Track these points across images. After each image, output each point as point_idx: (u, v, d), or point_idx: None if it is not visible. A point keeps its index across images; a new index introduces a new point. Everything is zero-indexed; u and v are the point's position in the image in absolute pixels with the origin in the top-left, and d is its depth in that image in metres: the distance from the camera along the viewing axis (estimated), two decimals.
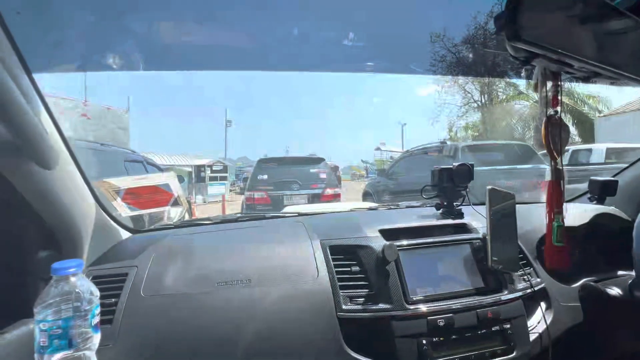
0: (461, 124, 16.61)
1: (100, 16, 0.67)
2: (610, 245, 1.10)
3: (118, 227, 1.02)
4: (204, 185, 13.22)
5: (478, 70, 6.41)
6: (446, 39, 8.21)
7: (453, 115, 16.64)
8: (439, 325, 0.79)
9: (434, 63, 6.76)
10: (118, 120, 6.69)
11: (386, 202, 3.11)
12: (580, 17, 0.49)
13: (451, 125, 16.76)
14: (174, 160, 13.83)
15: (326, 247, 0.92)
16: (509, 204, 0.92)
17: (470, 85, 15.78)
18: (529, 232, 1.05)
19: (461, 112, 16.36)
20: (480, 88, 15.50)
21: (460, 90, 16.07)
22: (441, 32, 3.05)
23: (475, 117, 16.22)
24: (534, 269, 0.97)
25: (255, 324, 0.77)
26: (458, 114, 16.41)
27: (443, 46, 7.88)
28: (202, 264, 0.87)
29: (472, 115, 16.25)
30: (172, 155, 14.46)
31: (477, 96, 16.14)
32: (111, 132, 6.51)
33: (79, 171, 0.80)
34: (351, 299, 0.83)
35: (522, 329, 0.86)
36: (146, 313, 0.77)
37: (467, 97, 16.05)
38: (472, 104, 16.10)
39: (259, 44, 0.89)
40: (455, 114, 16.60)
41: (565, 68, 0.56)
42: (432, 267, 0.90)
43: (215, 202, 12.17)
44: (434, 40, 3.60)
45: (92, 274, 0.83)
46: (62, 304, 0.62)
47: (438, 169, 1.15)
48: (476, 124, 16.21)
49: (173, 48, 0.83)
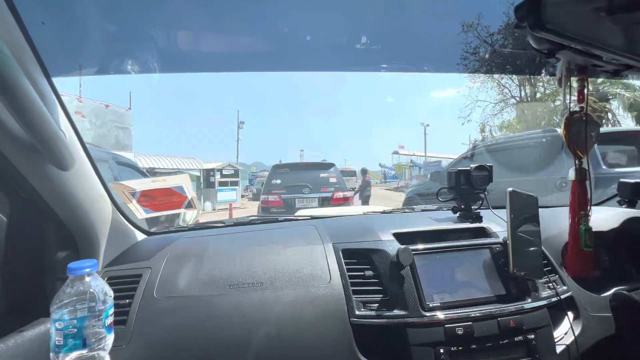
0: (495, 123, 14.81)
1: (115, 23, 0.69)
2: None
3: (133, 228, 1.04)
4: (212, 191, 12.56)
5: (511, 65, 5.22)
6: (480, 28, 6.70)
7: (486, 114, 14.93)
8: (457, 333, 0.76)
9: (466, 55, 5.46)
10: (119, 119, 6.14)
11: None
12: (608, 4, 0.45)
13: (484, 124, 15.14)
14: (181, 163, 12.93)
15: (339, 251, 0.90)
16: (531, 207, 0.88)
17: (506, 79, 13.94)
18: (554, 237, 0.99)
19: (497, 110, 14.45)
20: (519, 81, 13.58)
21: (496, 85, 14.15)
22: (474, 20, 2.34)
23: (512, 115, 14.35)
24: (560, 277, 0.92)
25: (267, 328, 0.75)
26: (493, 112, 14.54)
27: (477, 36, 6.41)
28: (214, 267, 0.87)
29: (509, 112, 14.42)
30: (180, 158, 13.43)
31: (515, 91, 14.29)
32: (110, 132, 5.94)
33: (96, 173, 0.82)
34: (365, 305, 0.81)
35: (548, 340, 0.80)
36: (159, 314, 0.77)
37: (504, 93, 14.31)
38: (509, 100, 14.33)
39: (273, 44, 0.90)
40: (489, 112, 14.92)
41: (592, 61, 0.53)
42: (449, 273, 0.86)
43: (224, 209, 11.60)
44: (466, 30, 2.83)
45: (107, 275, 0.85)
46: (77, 303, 0.63)
47: (455, 170, 1.11)
48: (512, 123, 14.35)
49: (190, 51, 0.84)
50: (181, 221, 1.98)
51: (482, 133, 15.27)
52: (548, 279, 0.88)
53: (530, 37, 0.45)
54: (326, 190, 5.46)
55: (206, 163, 13.96)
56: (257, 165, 27.22)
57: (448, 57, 0.99)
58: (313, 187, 5.38)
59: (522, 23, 0.43)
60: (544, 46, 0.46)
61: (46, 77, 0.65)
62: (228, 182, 13.41)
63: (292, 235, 1.03)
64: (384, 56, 0.97)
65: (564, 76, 0.57)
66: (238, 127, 24.64)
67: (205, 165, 13.67)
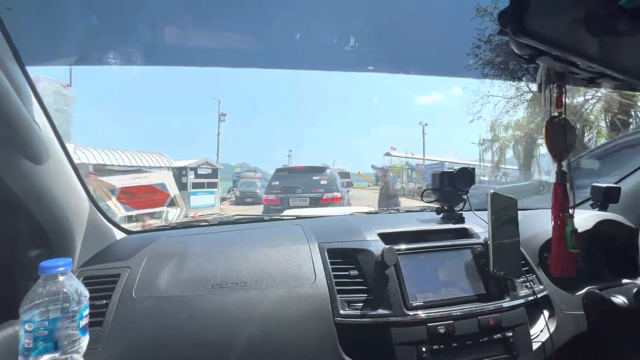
0: (503, 121, 13.13)
1: (95, 11, 0.66)
2: (614, 253, 1.08)
3: (112, 227, 1.01)
4: (185, 194, 9.71)
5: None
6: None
7: (499, 110, 12.70)
8: (439, 332, 0.77)
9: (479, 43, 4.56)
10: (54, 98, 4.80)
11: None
12: (585, 15, 0.47)
13: (494, 123, 13.47)
14: (141, 159, 10.19)
15: (324, 251, 0.90)
16: (511, 209, 0.91)
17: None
18: (531, 238, 1.03)
19: (510, 106, 12.25)
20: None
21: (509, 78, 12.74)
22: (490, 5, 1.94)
23: (526, 113, 12.21)
24: (537, 276, 0.95)
25: (250, 328, 0.74)
26: (506, 109, 12.35)
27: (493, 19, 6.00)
28: (197, 266, 0.85)
29: (521, 110, 12.24)
30: (140, 152, 10.49)
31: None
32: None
33: (73, 168, 0.78)
34: (349, 304, 0.81)
35: (525, 337, 0.83)
36: (137, 316, 0.75)
37: (519, 87, 11.89)
38: (526, 95, 12.02)
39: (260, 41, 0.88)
40: (500, 108, 12.74)
41: (570, 68, 0.55)
42: (432, 272, 0.88)
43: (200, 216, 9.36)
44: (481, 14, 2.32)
45: (83, 275, 0.81)
46: (49, 304, 0.60)
47: (439, 172, 1.13)
48: (521, 122, 12.64)
49: (172, 45, 0.82)
50: (163, 220, 1.93)
51: (492, 132, 14.09)
52: (526, 279, 0.91)
53: (512, 42, 0.46)
54: (316, 191, 6.26)
55: (178, 161, 11.45)
56: (243, 165, 24.95)
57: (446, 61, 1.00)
58: (305, 188, 6.25)
59: (505, 28, 0.44)
60: (526, 52, 0.47)
61: (20, 67, 0.61)
62: (204, 184, 10.98)
63: (278, 235, 1.02)
64: (373, 57, 0.98)
65: (543, 82, 0.59)
66: (219, 120, 21.39)
67: (175, 162, 11.16)
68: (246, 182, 16.47)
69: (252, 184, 15.99)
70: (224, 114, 21.91)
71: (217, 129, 21.56)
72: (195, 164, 11.24)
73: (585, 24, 0.48)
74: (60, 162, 0.74)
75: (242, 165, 24.89)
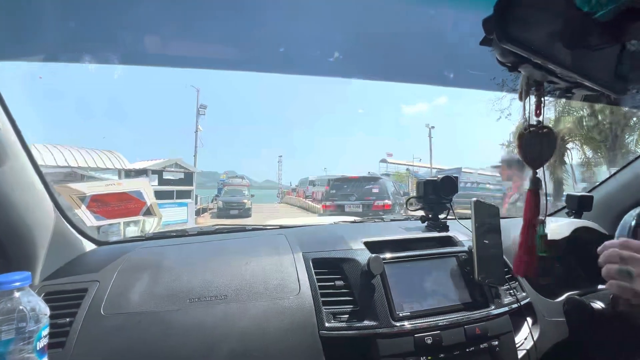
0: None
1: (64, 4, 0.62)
2: (590, 259, 1.11)
3: (81, 237, 0.94)
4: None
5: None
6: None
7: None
8: (426, 343, 0.75)
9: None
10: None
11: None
12: (563, 26, 0.49)
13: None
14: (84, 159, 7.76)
15: (309, 260, 0.88)
16: (493, 217, 0.92)
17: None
18: (513, 246, 1.04)
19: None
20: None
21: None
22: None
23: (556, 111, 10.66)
24: (520, 283, 0.96)
25: (230, 343, 0.70)
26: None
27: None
28: (173, 279, 0.80)
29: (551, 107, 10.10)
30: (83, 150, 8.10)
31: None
32: None
33: (37, 172, 0.72)
34: (334, 316, 0.78)
35: (510, 346, 0.83)
36: (106, 334, 0.69)
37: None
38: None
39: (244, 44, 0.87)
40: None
41: (548, 77, 0.57)
42: (418, 281, 0.87)
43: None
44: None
45: (44, 290, 0.74)
46: (2, 324, 0.53)
47: (423, 180, 1.14)
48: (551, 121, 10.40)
49: (151, 46, 0.79)
50: (139, 230, 1.83)
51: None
52: (509, 286, 0.92)
53: (496, 49, 0.47)
54: (369, 198, 7.10)
55: (141, 162, 8.79)
56: (230, 173, 22.21)
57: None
58: (358, 195, 7.20)
59: (490, 35, 0.45)
60: (509, 59, 0.48)
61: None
62: (173, 193, 8.35)
63: (261, 245, 0.98)
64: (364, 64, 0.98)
65: (524, 90, 0.60)
66: (197, 113, 17.02)
67: (134, 164, 8.44)
68: (231, 190, 14.04)
69: (238, 193, 13.71)
70: (203, 106, 17.36)
71: (195, 124, 17.03)
72: (161, 166, 8.55)
73: (563, 34, 0.50)
74: (22, 165, 0.68)
75: (229, 173, 22.43)
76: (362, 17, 0.79)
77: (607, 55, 0.60)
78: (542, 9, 0.47)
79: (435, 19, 0.81)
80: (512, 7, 0.43)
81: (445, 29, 0.84)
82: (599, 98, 0.67)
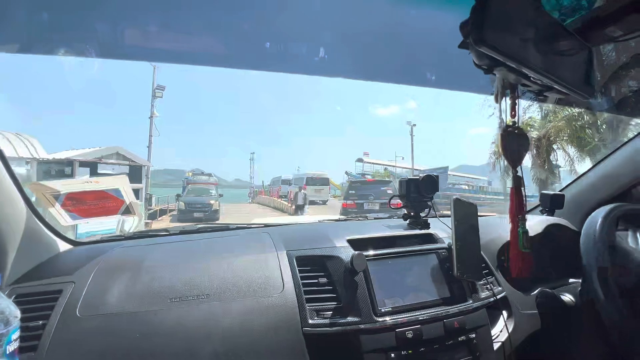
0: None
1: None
2: (561, 254, 1.17)
3: (55, 237, 0.90)
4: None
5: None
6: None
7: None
8: (407, 337, 0.77)
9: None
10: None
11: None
12: (535, 31, 0.52)
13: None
14: None
15: (293, 258, 0.88)
16: (472, 214, 0.95)
17: None
18: (489, 242, 1.08)
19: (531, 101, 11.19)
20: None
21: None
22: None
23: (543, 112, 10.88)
24: (496, 278, 1.00)
25: (214, 343, 0.69)
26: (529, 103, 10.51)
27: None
28: (153, 279, 0.78)
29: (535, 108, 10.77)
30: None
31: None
32: None
33: (6, 168, 0.69)
34: (318, 313, 0.79)
35: (487, 338, 0.86)
36: (81, 336, 0.66)
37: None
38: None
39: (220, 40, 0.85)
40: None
41: (522, 80, 0.59)
42: (400, 277, 0.89)
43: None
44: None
45: (15, 292, 0.71)
46: None
47: (405, 179, 1.17)
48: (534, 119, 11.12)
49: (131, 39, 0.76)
50: (118, 230, 1.77)
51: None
52: (486, 281, 0.96)
53: (473, 52, 0.49)
54: (384, 198, 7.94)
55: (68, 151, 6.64)
56: (196, 171, 19.36)
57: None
58: (375, 196, 8.30)
59: (467, 39, 0.47)
60: (484, 62, 0.50)
61: None
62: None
63: (244, 244, 0.98)
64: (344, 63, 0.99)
65: (499, 93, 0.63)
66: (153, 95, 13.53)
67: (58, 154, 6.33)
68: (195, 189, 11.96)
69: (203, 192, 11.70)
70: (160, 87, 13.75)
71: (151, 108, 13.36)
72: (94, 156, 6.32)
73: (535, 40, 0.53)
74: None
75: (196, 170, 19.53)
76: (348, 16, 0.80)
77: (576, 60, 0.64)
78: (516, 15, 0.50)
79: (418, 20, 0.83)
80: (487, 12, 0.45)
81: (431, 31, 0.86)
82: (571, 101, 0.70)
